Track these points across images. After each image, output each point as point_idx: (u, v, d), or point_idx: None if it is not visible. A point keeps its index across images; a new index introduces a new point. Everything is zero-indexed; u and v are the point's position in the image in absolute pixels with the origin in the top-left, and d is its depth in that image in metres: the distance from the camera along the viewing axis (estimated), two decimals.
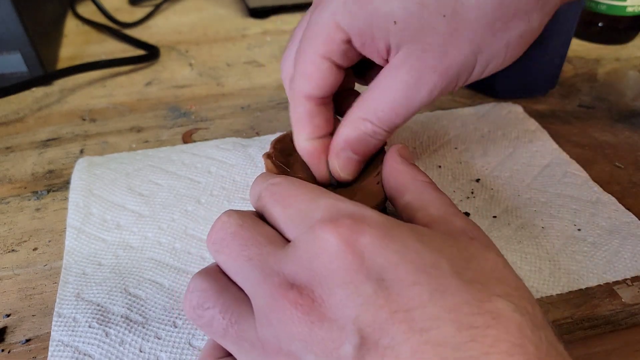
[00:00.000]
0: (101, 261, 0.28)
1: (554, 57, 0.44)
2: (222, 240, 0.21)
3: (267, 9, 0.64)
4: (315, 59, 0.26)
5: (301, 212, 0.20)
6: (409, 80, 0.25)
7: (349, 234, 0.18)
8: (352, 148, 0.27)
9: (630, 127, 0.41)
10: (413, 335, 0.16)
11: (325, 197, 0.20)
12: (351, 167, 0.28)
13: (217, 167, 0.35)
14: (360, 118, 0.26)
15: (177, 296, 0.26)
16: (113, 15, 0.60)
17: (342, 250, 0.17)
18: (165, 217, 0.31)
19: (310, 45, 0.27)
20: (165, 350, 0.24)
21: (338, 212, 0.19)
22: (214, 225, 0.21)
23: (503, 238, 0.29)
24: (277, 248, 0.19)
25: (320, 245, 0.18)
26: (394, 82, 0.25)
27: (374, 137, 0.27)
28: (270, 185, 0.22)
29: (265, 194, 0.22)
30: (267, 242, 0.20)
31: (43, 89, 0.47)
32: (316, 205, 0.20)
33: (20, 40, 0.44)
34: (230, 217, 0.21)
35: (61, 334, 0.24)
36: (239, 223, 0.21)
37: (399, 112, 0.26)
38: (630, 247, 0.29)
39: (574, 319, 0.25)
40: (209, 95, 0.46)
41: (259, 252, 0.19)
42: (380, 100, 0.26)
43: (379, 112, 0.26)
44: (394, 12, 0.24)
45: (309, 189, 0.21)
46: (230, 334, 0.19)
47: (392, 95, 0.25)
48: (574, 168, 0.35)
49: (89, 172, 0.34)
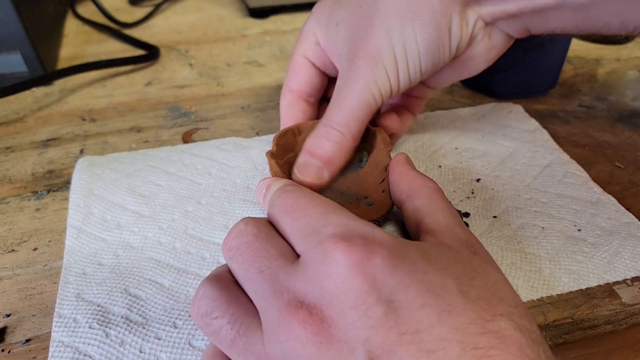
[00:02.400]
0: (101, 261, 0.28)
1: (554, 57, 0.44)
2: (237, 248, 0.21)
3: (267, 9, 0.64)
4: (296, 56, 0.32)
5: (310, 227, 0.20)
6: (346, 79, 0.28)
7: (360, 256, 0.18)
8: (311, 152, 0.28)
9: (630, 127, 0.41)
10: (421, 356, 0.16)
11: (335, 214, 0.20)
12: (310, 170, 0.29)
13: (217, 168, 0.35)
14: (317, 127, 0.29)
15: (177, 296, 0.26)
16: (113, 15, 0.60)
17: (353, 272, 0.17)
18: (165, 217, 0.31)
19: (296, 46, 0.33)
20: (165, 350, 0.24)
21: (348, 230, 0.19)
22: (231, 231, 0.22)
23: (503, 238, 0.29)
24: (287, 262, 0.19)
25: (331, 265, 0.18)
26: (338, 87, 0.29)
27: (327, 139, 0.28)
28: (282, 193, 0.23)
29: (277, 203, 0.22)
30: (279, 254, 0.20)
31: (43, 89, 0.47)
32: (326, 221, 0.20)
33: (20, 40, 0.44)
34: (247, 226, 0.22)
35: (61, 335, 0.24)
36: (254, 233, 0.21)
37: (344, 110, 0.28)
38: (630, 248, 0.29)
39: (574, 319, 0.25)
40: (209, 95, 0.46)
41: (270, 264, 0.20)
42: (330, 107, 0.29)
43: (331, 116, 0.28)
44: (335, 15, 0.30)
45: (320, 203, 0.21)
46: (237, 345, 0.19)
47: (336, 97, 0.28)
48: (574, 168, 0.35)
49: (90, 172, 0.34)
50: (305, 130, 0.32)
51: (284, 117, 0.33)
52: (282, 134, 0.31)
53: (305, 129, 0.32)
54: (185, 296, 0.26)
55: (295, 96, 0.33)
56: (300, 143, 0.32)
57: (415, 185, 0.25)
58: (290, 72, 0.33)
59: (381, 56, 0.27)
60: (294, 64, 0.33)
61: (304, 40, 0.32)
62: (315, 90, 0.33)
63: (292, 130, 0.32)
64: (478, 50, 0.29)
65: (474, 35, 0.28)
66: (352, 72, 0.28)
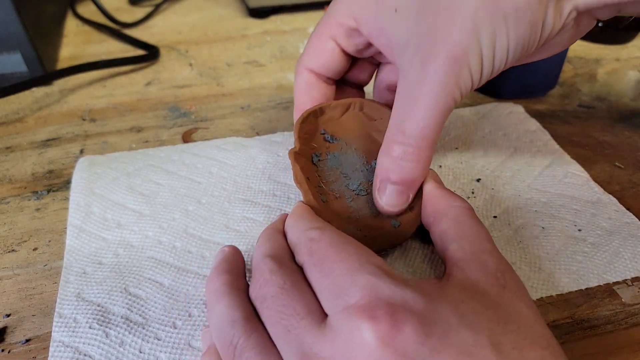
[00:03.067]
0: (102, 260, 0.28)
1: (554, 58, 0.44)
2: (263, 299, 0.21)
3: (267, 9, 0.64)
4: (322, 37, 0.29)
5: (338, 287, 0.19)
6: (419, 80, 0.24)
7: (388, 331, 0.17)
8: (390, 178, 0.26)
9: (630, 127, 0.41)
10: None
11: (364, 272, 0.19)
12: (395, 199, 0.26)
13: (218, 167, 0.35)
14: (388, 143, 0.26)
15: (177, 296, 0.26)
16: (113, 15, 0.60)
17: (382, 345, 0.17)
18: (165, 216, 0.31)
19: (322, 26, 0.29)
20: (165, 351, 0.24)
21: (377, 297, 0.18)
22: (257, 276, 0.22)
23: (503, 238, 0.29)
24: (314, 323, 0.19)
25: (358, 336, 0.17)
26: (407, 92, 0.25)
27: (405, 159, 0.25)
28: (309, 241, 0.22)
29: (303, 251, 0.22)
30: (306, 312, 0.19)
31: (43, 89, 0.47)
32: (353, 282, 0.19)
33: (20, 40, 0.44)
34: (273, 275, 0.21)
35: (62, 335, 0.24)
36: (280, 284, 0.21)
37: (423, 119, 0.24)
38: (630, 248, 0.29)
39: (574, 319, 0.25)
40: (209, 95, 0.46)
41: (297, 324, 0.19)
42: (399, 116, 0.25)
43: (404, 129, 0.25)
44: (395, 1, 0.25)
45: (346, 256, 0.20)
46: None
47: (408, 105, 0.24)
48: (575, 168, 0.35)
49: (90, 171, 0.34)
50: (328, 111, 0.30)
51: (300, 98, 0.31)
52: (304, 119, 0.29)
53: (328, 110, 0.30)
54: (185, 295, 0.26)
55: (315, 77, 0.30)
56: (321, 125, 0.30)
57: (440, 207, 0.24)
58: (311, 50, 0.30)
59: (467, 57, 0.23)
60: (319, 44, 0.29)
61: (335, 22, 0.28)
62: (338, 74, 0.31)
63: (314, 112, 0.30)
64: (562, 37, 0.25)
65: (564, 25, 0.24)
66: (427, 75, 0.24)
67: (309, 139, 0.29)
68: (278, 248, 0.23)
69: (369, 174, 0.29)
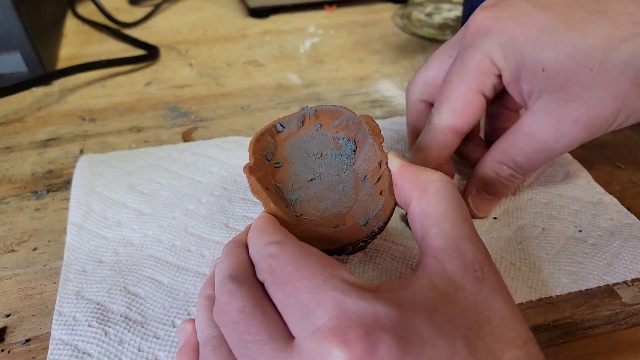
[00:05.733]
0: (101, 258, 0.28)
1: None
2: (225, 325, 0.20)
3: (267, 9, 0.64)
4: (469, 94, 0.28)
5: (304, 307, 0.18)
6: (549, 130, 0.26)
7: (362, 355, 0.16)
8: (488, 190, 0.30)
9: (630, 127, 0.41)
10: None
11: (329, 289, 0.18)
12: (486, 207, 0.30)
13: (218, 167, 0.35)
14: (498, 161, 0.28)
15: (176, 294, 0.26)
16: (113, 15, 0.60)
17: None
18: (165, 215, 0.31)
19: (462, 81, 0.28)
20: (164, 349, 0.24)
21: (346, 316, 0.17)
22: (218, 299, 0.21)
23: (503, 239, 0.29)
24: (279, 347, 0.18)
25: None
26: (534, 130, 0.27)
27: (509, 180, 0.29)
28: (269, 257, 0.20)
29: (263, 268, 0.20)
30: (269, 337, 0.18)
31: (43, 89, 0.47)
32: (319, 302, 0.18)
33: (20, 40, 0.44)
34: (232, 298, 0.20)
35: (61, 333, 0.24)
36: (240, 307, 0.19)
37: (537, 159, 0.27)
38: (630, 249, 0.29)
39: (574, 319, 0.25)
40: (209, 95, 0.46)
41: (260, 351, 0.18)
42: (519, 146, 0.27)
43: (516, 158, 0.28)
44: (544, 60, 0.25)
45: (311, 271, 0.19)
46: None
47: (531, 143, 0.27)
48: (576, 169, 0.35)
49: (91, 170, 0.34)
50: (287, 125, 0.28)
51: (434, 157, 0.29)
52: (258, 138, 0.27)
53: (287, 124, 0.28)
54: (184, 294, 0.26)
55: (458, 137, 0.29)
56: (280, 142, 0.28)
57: (419, 183, 0.22)
58: (453, 110, 0.28)
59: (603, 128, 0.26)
60: (463, 102, 0.28)
61: (481, 72, 0.27)
62: None
63: (268, 130, 0.28)
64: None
65: None
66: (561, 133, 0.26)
67: (264, 158, 0.27)
68: (238, 264, 0.21)
69: (329, 166, 0.27)
